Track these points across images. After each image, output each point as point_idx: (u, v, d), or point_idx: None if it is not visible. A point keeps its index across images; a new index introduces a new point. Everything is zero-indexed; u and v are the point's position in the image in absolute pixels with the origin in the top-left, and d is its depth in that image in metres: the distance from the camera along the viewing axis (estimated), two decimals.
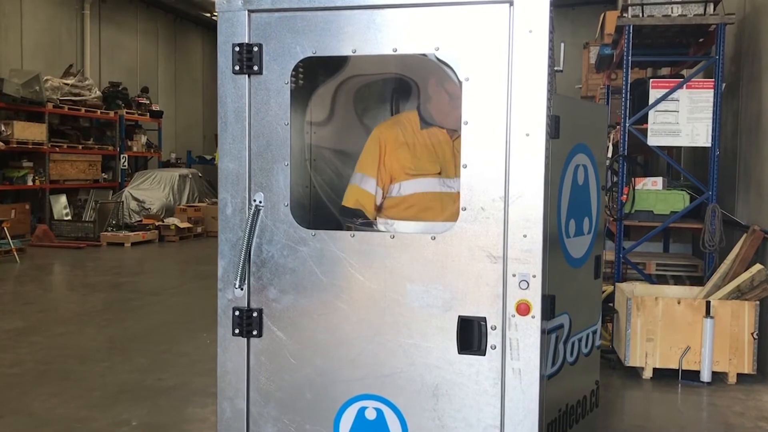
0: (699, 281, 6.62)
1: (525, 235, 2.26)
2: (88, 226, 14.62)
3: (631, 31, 6.34)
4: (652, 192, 6.64)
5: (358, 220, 3.03)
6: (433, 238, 2.36)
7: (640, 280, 6.59)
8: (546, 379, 2.95)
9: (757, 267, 5.60)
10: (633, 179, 6.67)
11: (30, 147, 14.32)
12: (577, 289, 3.66)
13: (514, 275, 2.28)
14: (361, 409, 2.42)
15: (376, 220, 3.02)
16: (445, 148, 2.99)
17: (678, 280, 6.89)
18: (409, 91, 3.31)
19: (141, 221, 15.25)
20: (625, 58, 6.42)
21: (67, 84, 15.54)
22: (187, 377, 5.53)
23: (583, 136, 3.62)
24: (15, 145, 13.88)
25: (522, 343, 2.28)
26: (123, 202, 15.55)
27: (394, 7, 2.34)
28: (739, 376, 5.50)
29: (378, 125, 3.18)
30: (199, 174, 18.20)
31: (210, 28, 22.75)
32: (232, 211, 2.48)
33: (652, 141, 6.45)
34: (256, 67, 2.43)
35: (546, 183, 2.27)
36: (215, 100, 2.75)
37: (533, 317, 2.27)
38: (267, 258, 2.47)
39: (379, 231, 2.93)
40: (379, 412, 2.41)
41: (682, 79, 6.50)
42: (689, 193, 6.62)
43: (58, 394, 5.13)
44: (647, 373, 5.61)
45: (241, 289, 2.47)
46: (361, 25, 2.37)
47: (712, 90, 6.28)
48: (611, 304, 6.16)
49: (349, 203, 3.01)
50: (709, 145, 6.35)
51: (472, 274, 2.31)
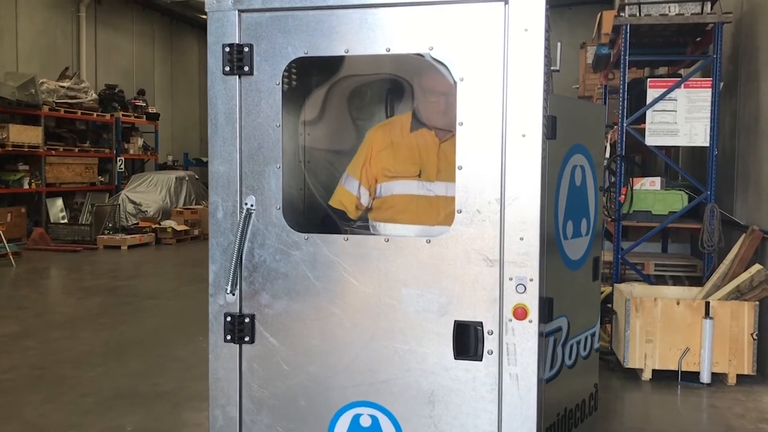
0: (698, 281, 6.59)
1: (522, 238, 2.22)
2: (85, 230, 14.58)
3: (628, 30, 6.32)
4: (651, 192, 6.61)
5: (354, 223, 3.00)
6: (428, 242, 2.32)
7: (639, 281, 6.56)
8: (544, 383, 2.91)
9: (757, 267, 5.56)
10: (631, 179, 6.63)
11: (26, 150, 14.27)
12: (576, 291, 3.63)
13: (511, 279, 2.23)
14: (356, 417, 2.38)
15: (357, 220, 3.01)
16: (430, 150, 2.95)
17: (677, 281, 6.86)
18: (403, 91, 3.28)
19: (137, 224, 15.22)
20: (622, 57, 6.40)
21: (63, 87, 15.49)
22: (183, 382, 5.48)
23: (580, 137, 3.59)
24: (11, 149, 13.84)
25: (519, 348, 2.24)
26: (119, 204, 15.50)
27: (388, 6, 2.30)
28: (738, 377, 5.46)
29: (374, 126, 3.15)
30: (196, 176, 18.15)
31: (206, 30, 22.66)
32: (223, 214, 2.44)
33: (650, 141, 6.42)
34: (246, 68, 2.38)
35: (543, 184, 2.23)
36: None
37: (530, 321, 2.23)
38: (259, 262, 2.43)
39: (365, 233, 2.90)
40: (374, 419, 2.37)
41: (679, 79, 6.48)
42: (687, 193, 6.59)
43: (52, 400, 5.07)
44: (646, 375, 5.57)
45: (233, 294, 2.43)
46: (354, 24, 2.33)
47: (710, 89, 6.26)
48: (610, 305, 6.12)
49: (333, 203, 3.02)
50: (707, 144, 6.32)
51: (468, 277, 2.27)
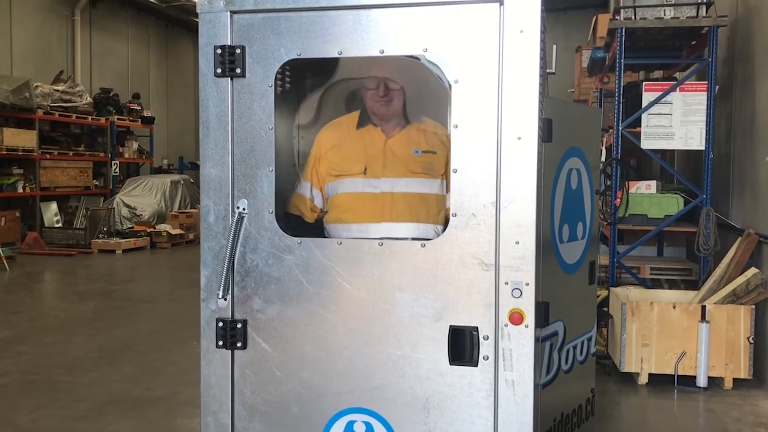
0: (693, 285, 6.58)
1: (517, 242, 2.19)
2: (79, 234, 14.52)
3: (623, 33, 6.31)
4: (646, 196, 6.60)
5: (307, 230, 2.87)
6: (423, 246, 2.29)
7: (635, 285, 6.54)
8: (540, 388, 2.88)
9: (753, 271, 5.55)
10: (626, 183, 6.62)
11: (20, 154, 14.21)
12: (572, 295, 3.61)
13: (507, 283, 2.21)
14: (350, 423, 2.35)
15: (315, 223, 2.93)
16: (376, 146, 2.87)
17: (672, 284, 6.85)
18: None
19: (132, 228, 15.14)
20: (617, 61, 6.39)
21: (57, 90, 15.45)
22: (177, 387, 5.44)
23: (576, 140, 3.57)
24: (5, 152, 13.78)
25: (515, 354, 2.21)
26: (114, 208, 15.43)
27: (381, 8, 2.27)
28: (735, 381, 5.44)
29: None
30: (191, 180, 18.08)
31: None
32: (214, 218, 2.41)
33: (646, 144, 6.41)
34: (238, 70, 2.35)
35: (539, 188, 2.21)
36: None
37: (527, 326, 2.20)
38: (251, 267, 2.39)
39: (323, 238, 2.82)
40: (368, 425, 2.34)
41: (675, 82, 6.47)
42: (683, 196, 6.58)
43: (45, 406, 5.03)
44: (643, 379, 5.55)
45: (225, 299, 2.39)
46: (347, 25, 2.30)
47: (706, 92, 6.25)
48: (606, 309, 6.10)
49: (290, 209, 2.92)
50: (702, 148, 6.32)
51: (464, 282, 2.24)
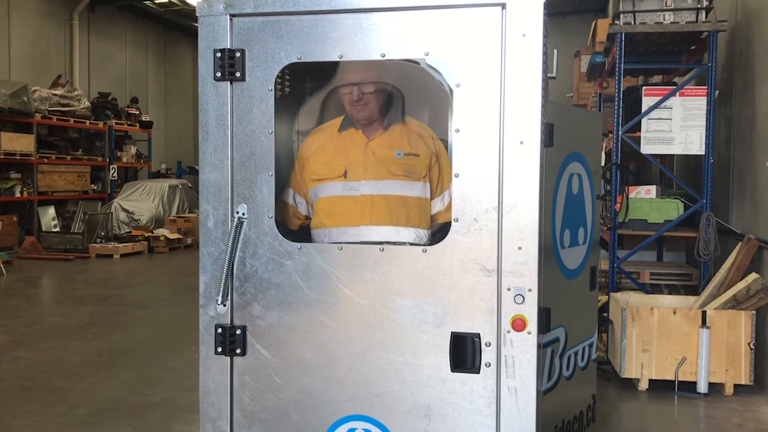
0: (693, 290, 6.56)
1: (520, 247, 2.17)
2: (77, 238, 14.47)
3: (623, 38, 6.30)
4: (646, 200, 6.58)
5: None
6: (425, 251, 2.27)
7: (635, 290, 6.52)
8: (542, 395, 2.85)
9: (753, 276, 5.53)
10: (626, 188, 6.60)
11: (18, 158, 14.18)
12: (573, 301, 3.58)
13: (509, 289, 2.18)
14: (350, 431, 2.32)
15: (299, 231, 2.86)
16: (357, 148, 2.83)
17: (672, 289, 6.82)
18: (394, 100, 3.20)
19: (130, 232, 15.11)
20: (617, 65, 6.37)
21: (55, 94, 15.43)
22: (175, 393, 5.41)
23: (577, 145, 3.55)
24: (2, 157, 13.76)
25: (518, 361, 2.18)
26: (112, 213, 15.39)
27: (382, 11, 2.26)
28: (736, 387, 5.42)
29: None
30: (189, 185, 18.06)
31: None
32: (213, 223, 2.38)
33: (646, 149, 6.39)
34: (238, 74, 2.33)
35: (541, 193, 2.19)
36: None
37: (529, 333, 2.18)
38: (251, 273, 2.37)
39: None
40: None
41: (674, 87, 6.46)
42: (683, 201, 6.56)
43: (42, 412, 4.99)
44: (643, 385, 5.52)
45: (224, 305, 2.37)
46: (348, 29, 2.28)
47: (705, 97, 6.24)
48: (606, 315, 6.08)
49: (278, 217, 2.88)
50: (702, 152, 6.30)
51: (465, 288, 2.22)
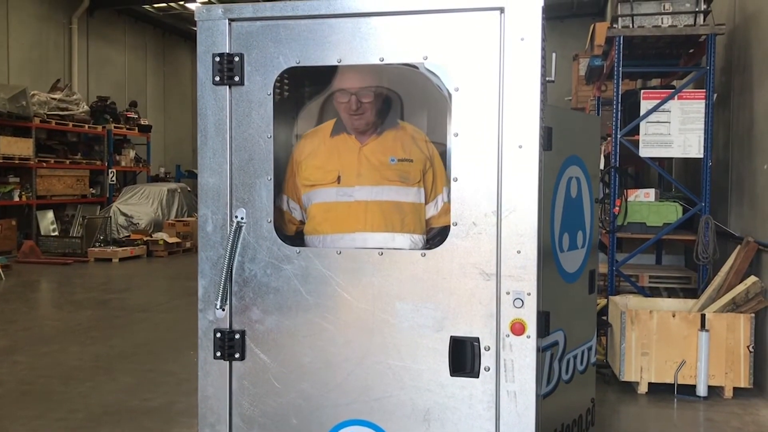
0: (692, 293, 6.56)
1: (519, 251, 2.17)
2: (76, 242, 14.46)
3: (621, 42, 6.31)
4: (645, 204, 6.59)
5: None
6: (424, 255, 2.27)
7: (634, 293, 6.52)
8: (541, 399, 2.85)
9: (752, 279, 5.53)
10: (625, 191, 6.61)
11: (16, 162, 14.17)
12: (572, 304, 3.58)
13: (508, 293, 2.18)
14: None
15: (296, 236, 2.84)
16: (351, 153, 2.81)
17: (671, 293, 6.82)
18: (393, 104, 3.20)
19: (129, 236, 15.10)
20: (615, 69, 6.38)
21: (54, 98, 15.42)
22: (174, 397, 5.40)
23: (575, 148, 3.55)
24: (1, 161, 13.75)
25: (517, 365, 2.18)
26: (111, 217, 15.39)
27: (381, 15, 2.26)
28: (735, 390, 5.41)
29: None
30: (188, 188, 18.04)
31: None
32: (212, 228, 2.38)
33: (644, 152, 6.40)
34: (237, 78, 2.33)
35: (540, 196, 2.19)
36: None
37: (528, 337, 2.17)
38: (249, 277, 2.37)
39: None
40: None
41: (673, 90, 6.47)
42: (682, 204, 6.56)
43: (40, 416, 4.98)
44: (642, 388, 5.51)
45: (223, 309, 2.37)
46: (347, 33, 2.28)
47: (704, 101, 6.25)
48: (605, 318, 6.07)
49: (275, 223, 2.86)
50: (701, 156, 6.31)
51: (465, 292, 2.22)
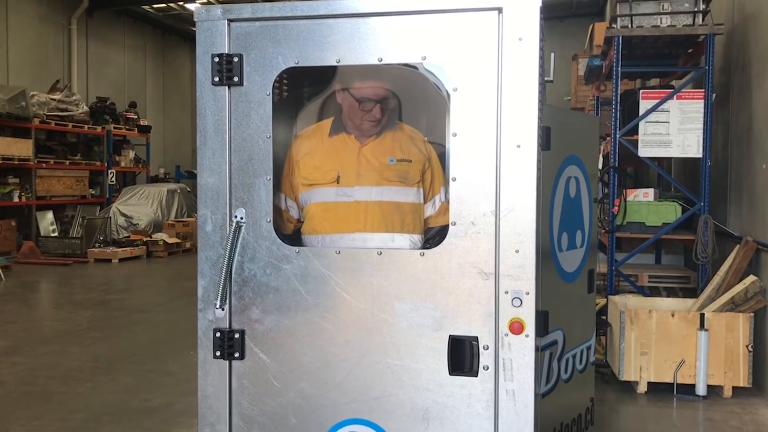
0: (692, 293, 6.56)
1: (517, 251, 2.18)
2: (75, 243, 14.46)
3: (620, 42, 6.32)
4: (644, 203, 6.59)
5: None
6: (422, 255, 2.27)
7: (633, 293, 6.52)
8: (540, 398, 2.86)
9: (751, 278, 5.54)
10: (624, 191, 6.62)
11: (16, 163, 14.18)
12: (571, 303, 3.59)
13: (507, 292, 2.19)
14: None
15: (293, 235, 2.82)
16: (350, 153, 2.80)
17: (671, 292, 6.83)
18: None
19: (129, 237, 15.10)
20: (614, 69, 6.39)
21: (53, 99, 15.43)
22: (173, 397, 5.40)
23: (574, 148, 3.56)
24: (1, 161, 13.74)
25: (516, 364, 2.19)
26: (110, 217, 15.39)
27: (380, 15, 2.26)
28: (734, 389, 5.42)
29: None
30: (188, 189, 18.05)
31: None
32: (212, 227, 2.39)
33: (643, 152, 6.41)
34: (236, 78, 2.34)
35: (538, 196, 2.19)
36: None
37: (527, 336, 2.18)
38: (249, 277, 2.37)
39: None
40: None
41: (672, 90, 6.47)
42: (681, 204, 6.57)
43: (39, 417, 4.98)
44: (642, 388, 5.52)
45: (222, 309, 2.37)
46: (345, 34, 2.29)
47: (703, 100, 6.25)
48: (604, 318, 6.08)
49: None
50: (700, 155, 6.32)
51: (463, 291, 2.22)
